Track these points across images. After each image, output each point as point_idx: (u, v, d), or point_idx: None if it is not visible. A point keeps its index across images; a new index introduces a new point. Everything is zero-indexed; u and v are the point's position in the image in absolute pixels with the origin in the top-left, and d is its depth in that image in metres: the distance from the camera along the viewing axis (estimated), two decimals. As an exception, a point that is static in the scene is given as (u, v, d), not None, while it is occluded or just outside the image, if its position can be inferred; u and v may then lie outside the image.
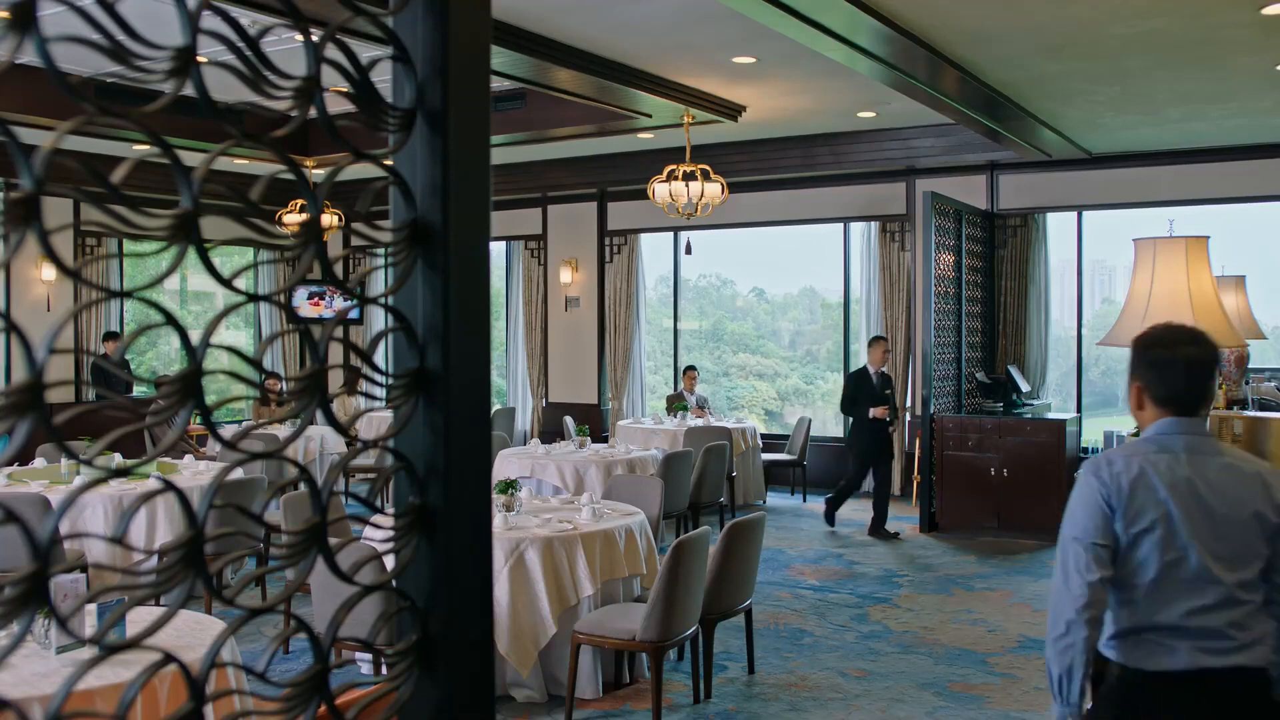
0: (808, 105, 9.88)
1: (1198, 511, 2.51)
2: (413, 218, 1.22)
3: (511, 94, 10.20)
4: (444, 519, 1.23)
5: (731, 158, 11.62)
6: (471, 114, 1.24)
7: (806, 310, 15.98)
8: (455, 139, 1.23)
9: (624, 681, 5.70)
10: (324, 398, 1.13)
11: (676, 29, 7.49)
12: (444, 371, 1.22)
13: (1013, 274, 11.59)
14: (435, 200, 1.23)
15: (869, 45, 6.91)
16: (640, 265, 13.77)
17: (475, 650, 1.25)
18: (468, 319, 1.23)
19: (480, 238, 1.26)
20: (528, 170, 13.30)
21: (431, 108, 1.22)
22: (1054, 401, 11.66)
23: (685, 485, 8.80)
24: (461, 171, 1.24)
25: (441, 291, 1.22)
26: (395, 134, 1.24)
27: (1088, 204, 11.24)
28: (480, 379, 1.26)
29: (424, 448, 1.23)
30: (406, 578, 1.23)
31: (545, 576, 5.34)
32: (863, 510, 11.07)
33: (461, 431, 1.23)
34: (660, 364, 14.54)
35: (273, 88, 1.03)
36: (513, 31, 7.39)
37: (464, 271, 1.23)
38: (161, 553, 0.92)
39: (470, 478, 1.25)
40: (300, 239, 1.11)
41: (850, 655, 6.26)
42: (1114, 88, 8.16)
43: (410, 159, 1.24)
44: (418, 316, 1.23)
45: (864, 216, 12.20)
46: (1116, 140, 10.32)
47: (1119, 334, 5.14)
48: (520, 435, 14.06)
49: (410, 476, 1.23)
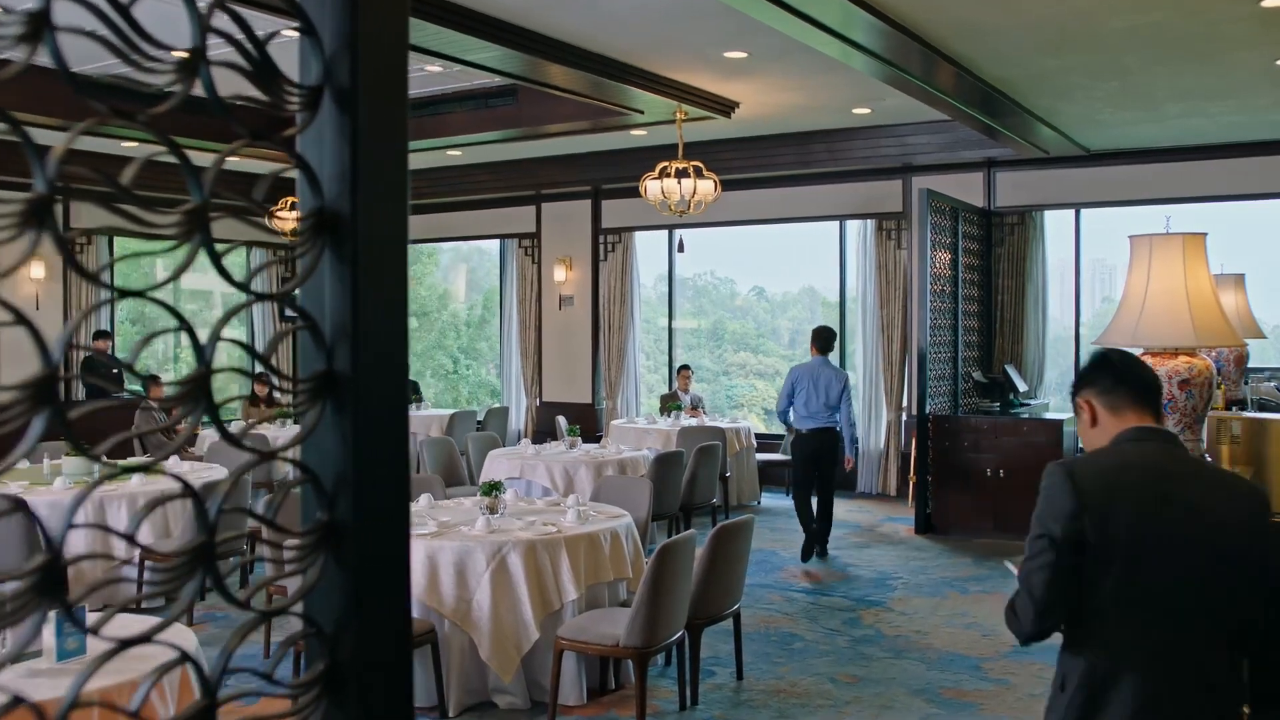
0: (801, 101, 9.76)
1: None
2: (319, 206, 1.11)
3: (503, 90, 10.09)
4: (354, 536, 1.11)
5: (726, 155, 11.50)
6: (386, 91, 1.13)
7: (806, 309, 15.88)
8: (367, 119, 1.11)
9: (609, 687, 5.59)
10: (210, 403, 1.02)
11: (666, 23, 7.38)
12: (354, 374, 1.10)
13: (1010, 272, 11.48)
14: (344, 187, 1.11)
15: (863, 40, 6.80)
16: (635, 264, 13.66)
17: (392, 679, 1.14)
18: (381, 317, 1.12)
19: (396, 227, 1.15)
20: (521, 168, 13.19)
21: (340, 85, 1.10)
22: (1052, 401, 11.55)
23: (676, 486, 8.69)
24: (374, 155, 1.12)
25: (351, 286, 1.10)
26: (300, 114, 1.12)
27: (1086, 201, 11.13)
28: (395, 382, 1.14)
29: (332, 458, 1.12)
30: (314, 601, 1.12)
31: (528, 580, 5.23)
32: (858, 510, 10.97)
33: (374, 440, 1.12)
34: (659, 363, 14.45)
35: (150, 60, 0.92)
36: (500, 26, 7.28)
37: (377, 264, 1.12)
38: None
39: (385, 490, 1.14)
40: (183, 228, 1.00)
41: (841, 660, 6.15)
42: (1112, 84, 8.04)
43: (317, 142, 1.12)
44: (325, 314, 1.11)
45: (860, 214, 12.09)
46: (1115, 137, 10.20)
47: (1115, 333, 5.03)
48: (514, 435, 13.96)
49: (316, 490, 1.12)
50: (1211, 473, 2.67)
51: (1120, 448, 2.48)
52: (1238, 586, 2.36)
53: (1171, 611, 2.33)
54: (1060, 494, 2.37)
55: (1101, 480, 2.38)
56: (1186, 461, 2.50)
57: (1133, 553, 2.32)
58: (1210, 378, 4.81)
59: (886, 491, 11.84)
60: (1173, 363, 4.75)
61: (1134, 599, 2.33)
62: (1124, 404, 2.53)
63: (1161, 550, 2.32)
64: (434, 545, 5.26)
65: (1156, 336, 4.80)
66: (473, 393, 17.76)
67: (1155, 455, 2.45)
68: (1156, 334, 4.80)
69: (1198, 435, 4.78)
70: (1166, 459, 2.45)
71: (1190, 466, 2.52)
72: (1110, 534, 2.32)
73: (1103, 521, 2.32)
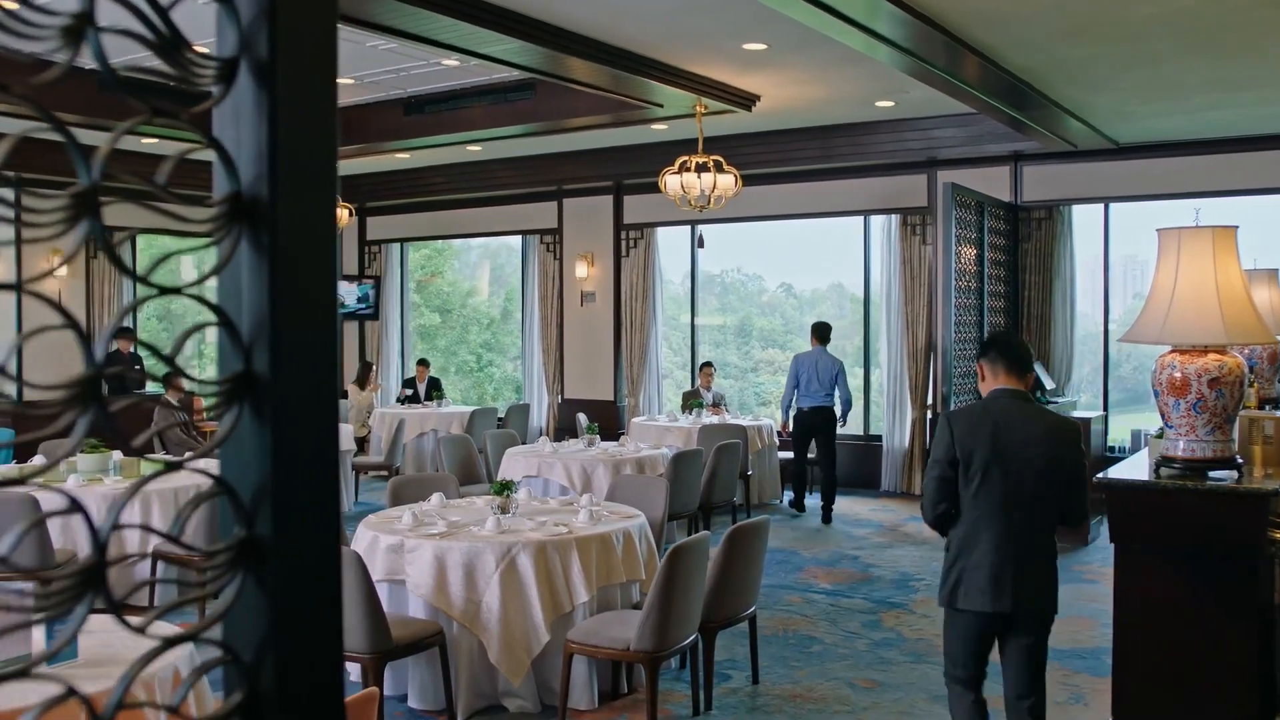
0: (823, 94, 9.62)
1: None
2: (235, 190, 1.00)
3: (520, 84, 10.00)
4: (275, 554, 1.00)
5: (747, 149, 11.36)
6: (310, 65, 1.02)
7: (835, 305, 15.71)
8: (288, 96, 1.00)
9: (621, 691, 5.48)
10: (102, 409, 0.92)
11: (683, 13, 7.27)
12: (273, 375, 1.00)
13: (1037, 268, 11.28)
14: (262, 169, 1.00)
15: (886, 31, 6.66)
16: (657, 260, 13.54)
17: (321, 712, 1.04)
18: (305, 312, 1.01)
19: (322, 214, 1.04)
20: (542, 163, 13.11)
21: (258, 57, 0.99)
22: (1083, 399, 11.35)
23: (695, 485, 8.57)
24: (296, 135, 1.01)
25: (269, 279, 0.99)
26: (213, 88, 1.01)
27: (1115, 195, 10.91)
28: (321, 383, 1.03)
29: (251, 468, 1.01)
30: (231, 626, 1.02)
31: (538, 582, 5.13)
32: (882, 510, 10.82)
33: (296, 447, 1.01)
34: (686, 360, 14.34)
35: (25, 25, 0.82)
36: (514, 18, 7.18)
37: (299, 255, 1.01)
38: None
39: (309, 503, 1.03)
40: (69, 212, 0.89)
41: (860, 664, 6.02)
42: (1141, 74, 7.85)
43: (233, 119, 1.01)
44: (242, 310, 1.01)
45: (884, 209, 11.92)
46: (1145, 130, 9.99)
47: (1141, 329, 4.87)
48: (535, 432, 13.87)
49: (233, 503, 1.01)
50: (1037, 414, 4.06)
51: (986, 401, 4.07)
52: (1045, 479, 3.92)
53: (1008, 496, 3.89)
54: (943, 433, 4.00)
55: (967, 424, 3.97)
56: (1025, 409, 4.00)
57: (984, 466, 3.90)
58: (1242, 376, 4.64)
59: (911, 490, 11.66)
60: (1202, 360, 4.58)
61: (987, 493, 3.90)
62: (1000, 370, 4.07)
63: (1001, 464, 3.89)
64: (443, 546, 5.17)
65: (1185, 333, 4.63)
66: (498, 389, 17.70)
67: (1006, 406, 3.98)
68: (1185, 331, 4.63)
69: (1228, 435, 4.60)
70: (1012, 408, 3.98)
71: (1026, 412, 4.00)
72: (971, 456, 3.91)
73: (967, 449, 3.91)
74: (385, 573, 5.26)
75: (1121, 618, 4.49)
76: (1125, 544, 4.49)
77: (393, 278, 15.94)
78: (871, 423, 12.47)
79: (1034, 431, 3.90)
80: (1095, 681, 5.65)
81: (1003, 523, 3.87)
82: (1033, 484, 3.89)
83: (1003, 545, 3.87)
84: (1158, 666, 4.40)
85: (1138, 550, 4.45)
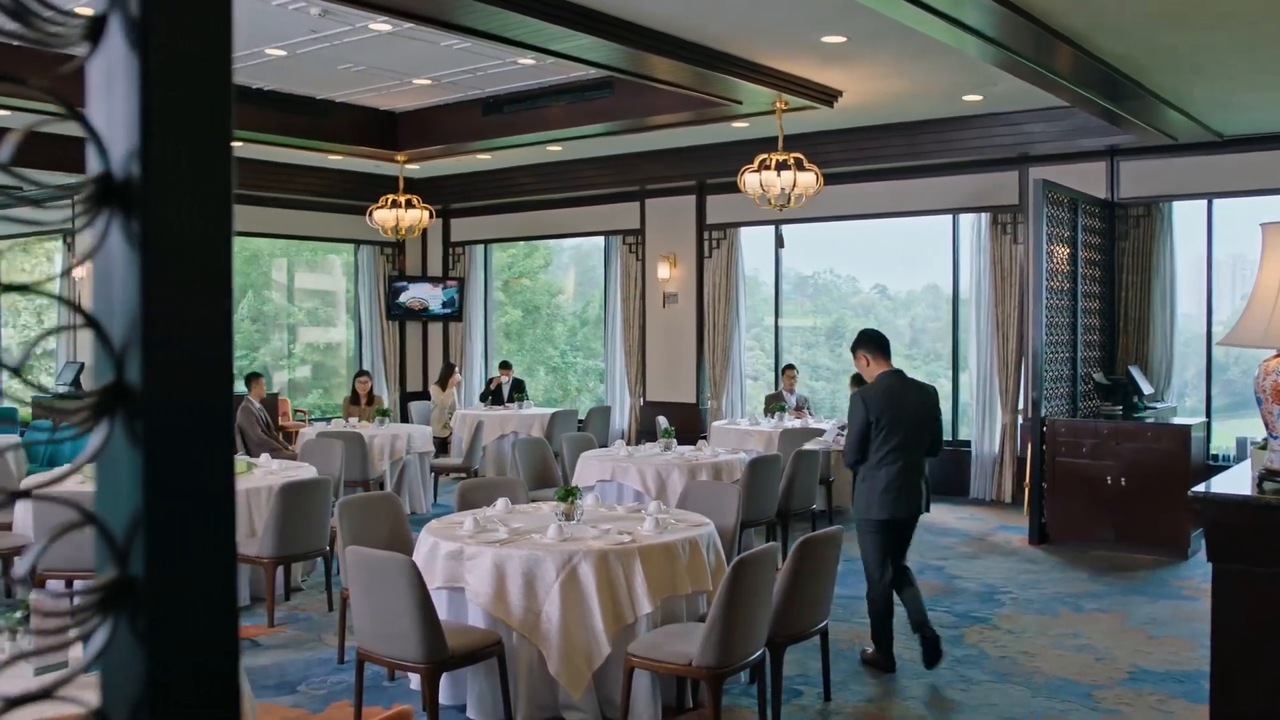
0: (906, 88, 9.31)
1: None
2: (104, 171, 0.85)
3: (598, 83, 9.88)
4: (149, 596, 0.85)
5: (830, 147, 11.08)
6: (194, 23, 0.86)
7: (930, 307, 15.29)
8: (164, 60, 0.84)
9: (685, 706, 5.30)
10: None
11: (759, 5, 7.05)
12: (146, 388, 0.84)
13: (1135, 268, 10.79)
14: (134, 147, 0.84)
15: (973, 21, 6.38)
16: (740, 260, 13.31)
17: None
18: (188, 314, 0.86)
19: (208, 200, 0.88)
20: (624, 163, 12.98)
21: (130, 13, 0.84)
22: (1187, 404, 10.83)
23: (773, 492, 8.34)
24: (176, 107, 0.85)
25: (142, 274, 0.84)
26: (79, 50, 0.86)
27: (1219, 191, 10.37)
28: (211, 399, 0.87)
29: (123, 497, 0.86)
30: (104, 680, 0.87)
31: (600, 592, 4.97)
32: (969, 518, 10.46)
33: (177, 473, 0.86)
34: (774, 362, 14.09)
35: None
36: (587, 14, 7.05)
37: (181, 245, 0.86)
38: None
39: (193, 538, 0.88)
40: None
41: (939, 683, 5.75)
42: (1248, 59, 7.41)
43: (105, 89, 0.86)
44: (114, 311, 0.85)
45: (973, 208, 11.53)
46: (1252, 121, 9.48)
47: (1242, 333, 4.54)
48: (616, 434, 13.74)
49: (103, 536, 0.86)
50: (913, 385, 5.89)
51: (881, 380, 5.82)
52: (921, 428, 5.80)
53: (902, 442, 5.71)
54: (858, 407, 5.77)
55: (875, 397, 5.74)
56: (904, 383, 5.84)
57: (888, 424, 5.69)
58: (1354, 383, 4.28)
59: (1001, 498, 11.27)
60: (1310, 366, 4.25)
61: (888, 440, 5.69)
62: (880, 357, 5.92)
63: (895, 421, 5.70)
64: (502, 554, 5.04)
65: (1291, 336, 4.30)
66: (581, 382, 17.62)
67: (892, 383, 5.81)
68: (1291, 334, 4.30)
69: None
70: (896, 384, 5.82)
71: (906, 384, 5.85)
72: (879, 419, 5.70)
73: (877, 414, 5.70)
74: (445, 580, 5.15)
75: (1220, 644, 4.17)
76: (1224, 564, 4.17)
77: (476, 278, 15.96)
78: (960, 428, 12.06)
79: (913, 397, 5.82)
80: (1192, 708, 5.29)
81: (900, 459, 5.69)
82: (915, 432, 5.76)
83: (900, 474, 5.70)
84: (1260, 699, 4.07)
85: (1237, 571, 4.12)
